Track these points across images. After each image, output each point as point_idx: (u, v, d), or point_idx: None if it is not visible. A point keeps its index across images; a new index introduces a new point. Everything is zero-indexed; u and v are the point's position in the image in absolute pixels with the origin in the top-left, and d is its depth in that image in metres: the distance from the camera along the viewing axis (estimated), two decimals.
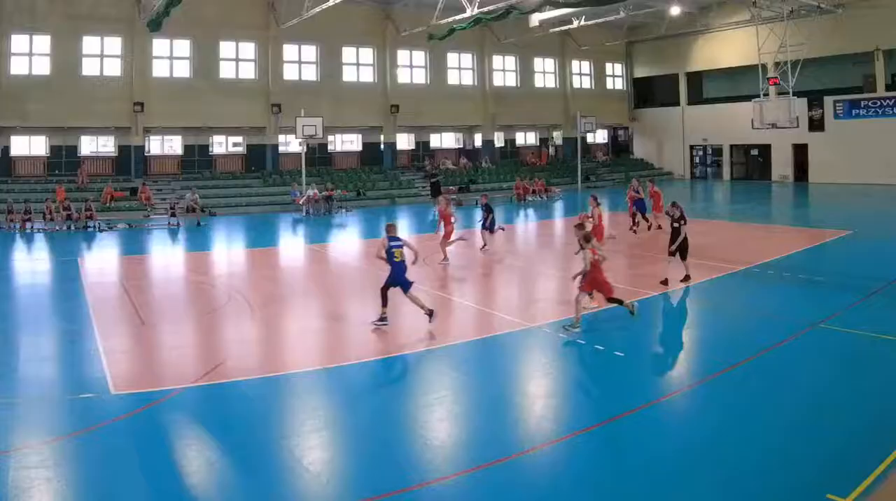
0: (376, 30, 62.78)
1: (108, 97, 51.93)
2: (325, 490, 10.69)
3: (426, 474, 10.97)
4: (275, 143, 59.82)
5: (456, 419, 13.44)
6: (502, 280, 27.61)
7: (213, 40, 56.23)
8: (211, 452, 11.97)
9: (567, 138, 74.52)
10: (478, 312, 21.93)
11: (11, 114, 49.35)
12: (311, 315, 22.11)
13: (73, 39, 51.31)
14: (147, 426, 12.94)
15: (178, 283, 27.31)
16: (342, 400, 14.55)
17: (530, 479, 10.95)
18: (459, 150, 71.21)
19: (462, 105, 67.67)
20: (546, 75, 74.59)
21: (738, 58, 66.16)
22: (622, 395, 14.24)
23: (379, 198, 57.70)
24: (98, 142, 55.88)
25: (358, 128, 64.38)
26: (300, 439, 12.42)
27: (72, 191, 48.19)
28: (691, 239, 23.52)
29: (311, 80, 60.75)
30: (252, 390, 14.77)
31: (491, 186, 62.25)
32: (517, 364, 17.11)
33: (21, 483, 10.52)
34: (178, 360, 17.25)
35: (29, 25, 49.66)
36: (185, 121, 55.72)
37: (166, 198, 49.94)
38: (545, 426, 13.06)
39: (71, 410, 13.57)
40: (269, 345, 18.81)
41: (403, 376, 16.24)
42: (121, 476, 10.95)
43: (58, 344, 18.63)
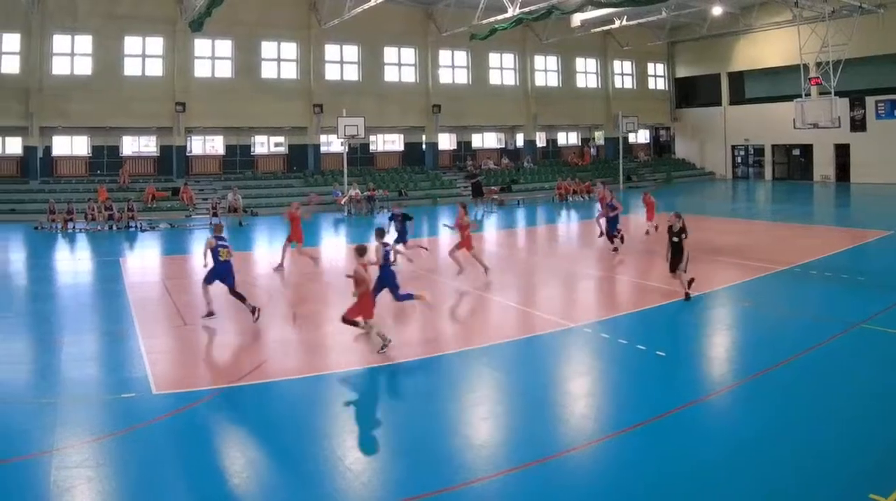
0: (418, 29, 61.46)
1: (150, 97, 50.99)
2: (367, 489, 10.45)
3: (467, 474, 10.79)
4: (316, 143, 58.48)
5: (497, 418, 13.27)
6: (543, 280, 26.69)
7: (255, 40, 55.08)
8: (252, 452, 11.88)
9: (609, 138, 73.05)
10: (519, 312, 21.34)
11: (53, 114, 48.54)
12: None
13: (114, 39, 50.29)
14: (188, 426, 12.83)
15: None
16: (383, 400, 14.65)
17: (571, 479, 10.78)
18: (501, 150, 69.70)
19: (504, 105, 65.99)
20: (588, 75, 72.52)
21: (780, 58, 64.32)
22: (663, 395, 13.99)
23: (420, 198, 56.16)
24: (140, 143, 54.93)
25: (400, 128, 63.17)
26: (341, 438, 12.30)
27: (113, 192, 47.28)
28: (731, 238, 22.78)
29: (352, 79, 59.46)
30: (293, 390, 14.73)
31: (532, 186, 61.40)
32: (558, 363, 16.84)
33: (62, 482, 10.38)
34: (219, 360, 17.29)
35: (70, 26, 48.72)
36: (226, 122, 54.86)
37: (208, 198, 48.99)
38: (586, 426, 12.78)
39: (112, 410, 13.40)
40: (309, 345, 18.45)
41: (445, 376, 15.70)
42: (162, 475, 10.82)
43: (100, 344, 18.42)
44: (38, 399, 14.01)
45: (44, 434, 12.12)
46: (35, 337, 19.22)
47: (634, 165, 71.88)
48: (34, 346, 18.30)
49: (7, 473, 10.83)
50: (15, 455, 11.35)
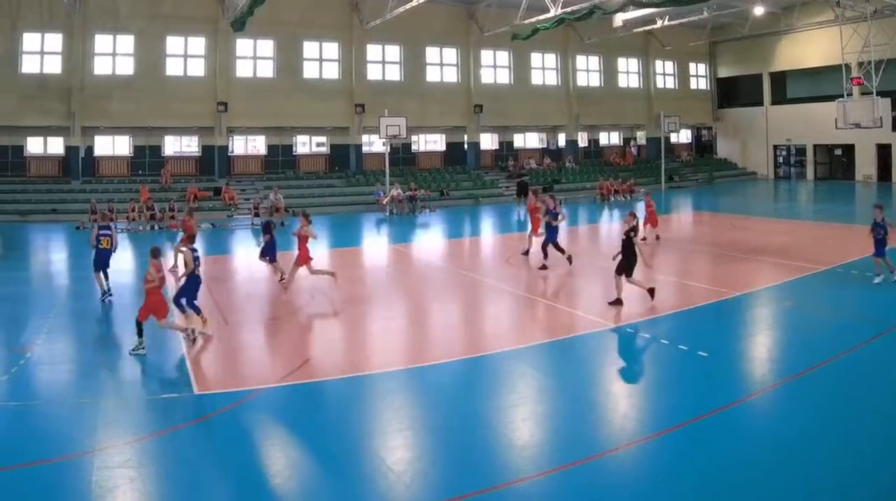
0: (460, 29, 60.00)
1: (192, 97, 50.21)
2: (408, 490, 10.30)
3: (509, 474, 10.70)
4: (358, 143, 57.23)
5: (539, 419, 13.10)
6: (585, 279, 25.82)
7: (297, 40, 54.11)
8: (294, 452, 11.83)
9: (650, 138, 70.94)
10: (560, 312, 21.08)
11: (95, 114, 47.81)
12: (394, 315, 21.17)
13: (156, 39, 49.55)
14: (230, 426, 12.73)
15: (261, 283, 25.76)
16: (425, 400, 14.25)
17: (613, 480, 10.62)
18: (543, 150, 67.79)
19: (545, 105, 64.45)
20: (630, 75, 70.74)
21: (822, 58, 62.92)
22: (705, 395, 13.76)
23: (462, 198, 54.99)
24: (182, 142, 54.09)
25: (441, 127, 61.83)
26: (384, 439, 12.13)
27: (155, 191, 46.41)
28: (773, 238, 22.13)
29: (394, 79, 58.19)
30: (335, 390, 14.58)
31: (574, 186, 59.89)
32: (600, 363, 16.54)
33: (105, 482, 10.30)
34: (261, 360, 17.06)
35: (112, 26, 48.03)
36: (268, 121, 53.69)
37: (250, 198, 48.09)
38: (628, 426, 12.56)
39: (154, 410, 13.41)
40: (352, 345, 18.36)
41: (486, 376, 15.34)
42: (204, 476, 10.76)
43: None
44: (80, 399, 13.87)
45: (86, 434, 12.09)
46: (76, 336, 18.88)
47: (676, 165, 70.28)
48: (76, 346, 18.02)
49: (50, 473, 10.72)
50: (57, 456, 11.24)
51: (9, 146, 48.09)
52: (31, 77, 46.42)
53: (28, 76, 46.41)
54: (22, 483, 10.43)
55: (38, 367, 15.90)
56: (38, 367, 15.90)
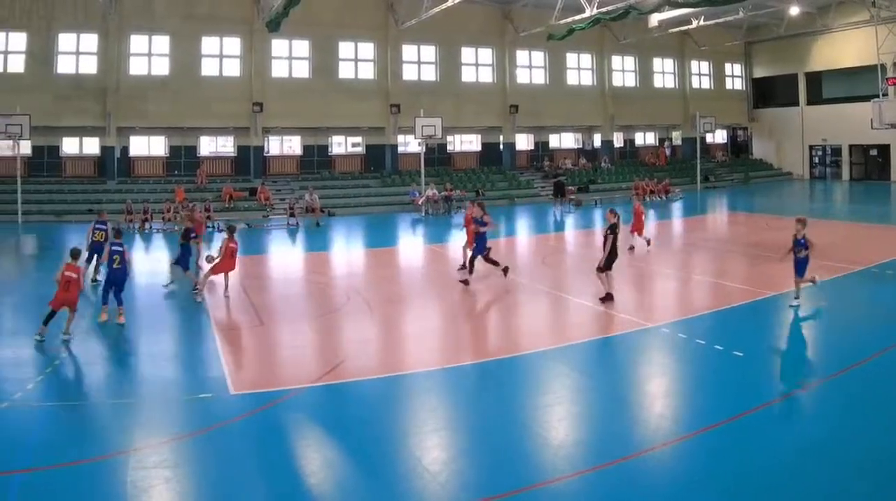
0: (495, 30, 58.36)
1: (227, 97, 49.24)
2: (444, 489, 10.17)
3: (545, 474, 10.57)
4: (394, 143, 55.86)
5: (574, 419, 12.98)
6: (621, 279, 24.68)
7: (332, 40, 52.88)
8: (329, 452, 11.70)
9: (686, 138, 68.98)
10: (596, 312, 20.27)
11: (131, 114, 47.12)
12: (430, 315, 20.89)
13: (192, 40, 48.73)
14: (266, 426, 12.54)
15: (296, 283, 25.69)
16: (461, 400, 13.98)
17: (649, 480, 10.38)
18: (579, 150, 66.09)
19: (581, 105, 62.63)
20: (665, 75, 68.46)
21: (857, 58, 61.37)
22: (740, 395, 13.42)
23: (498, 199, 52.98)
24: (217, 143, 53.06)
25: (477, 128, 60.13)
26: (419, 439, 11.98)
27: (191, 192, 45.74)
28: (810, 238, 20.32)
29: (430, 80, 56.77)
30: (371, 390, 14.36)
31: (610, 186, 58.47)
32: (636, 363, 16.26)
33: (140, 482, 10.18)
34: (296, 360, 16.70)
35: (148, 26, 47.37)
36: (303, 122, 52.55)
37: (285, 199, 47.12)
38: (664, 425, 12.36)
39: (190, 410, 13.18)
40: (387, 345, 18.06)
41: (522, 376, 15.02)
42: (240, 476, 10.60)
43: (177, 344, 18.19)
44: (115, 399, 13.75)
45: (121, 434, 11.95)
46: (112, 337, 18.24)
47: (712, 165, 68.56)
48: (112, 346, 17.64)
49: (86, 473, 10.52)
50: (93, 456, 11.03)
51: (44, 146, 47.38)
52: (66, 77, 45.78)
53: (63, 76, 45.77)
54: (58, 483, 10.23)
55: (73, 367, 15.75)
56: (73, 367, 15.75)
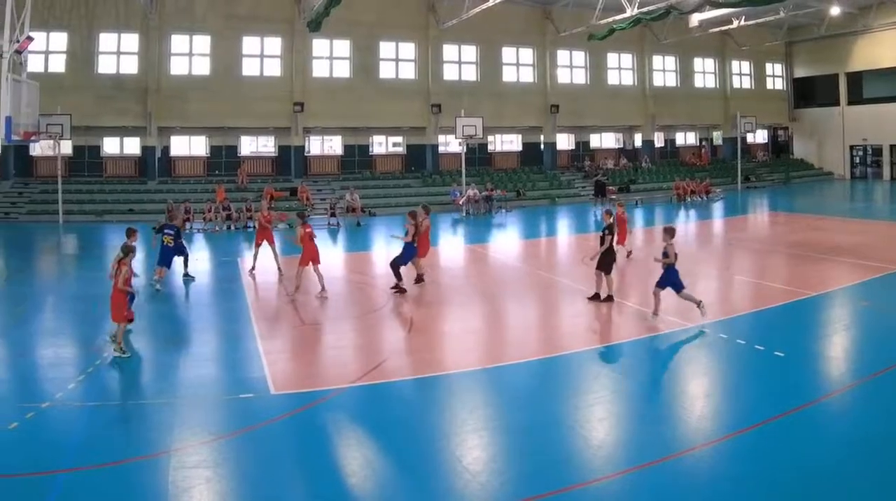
0: (536, 30, 56.35)
1: (268, 97, 47.89)
2: (484, 490, 9.82)
3: (585, 474, 10.29)
4: (434, 143, 54.15)
5: (615, 419, 12.54)
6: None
7: (373, 40, 51.28)
8: (370, 452, 11.30)
9: (727, 138, 67.12)
10: (637, 312, 19.72)
11: (171, 114, 46.01)
12: (470, 315, 20.07)
13: (232, 40, 47.46)
14: (306, 426, 12.30)
15: (337, 283, 24.11)
16: (501, 400, 13.53)
17: (689, 480, 10.08)
18: (619, 150, 64.06)
19: (622, 105, 60.42)
20: (706, 75, 66.36)
21: None
22: (782, 395, 13.04)
23: (538, 198, 51.79)
24: (258, 143, 51.72)
25: (518, 128, 57.95)
26: (459, 439, 11.61)
27: (231, 192, 44.27)
28: (849, 238, 22.03)
29: (470, 80, 54.76)
30: (411, 390, 14.12)
31: (650, 186, 56.46)
32: (676, 363, 15.96)
33: (181, 482, 9.92)
34: (337, 360, 16.27)
35: (188, 26, 46.26)
36: (344, 122, 51.07)
37: (326, 199, 45.61)
38: (705, 426, 12.03)
39: (231, 410, 12.89)
40: (428, 345, 17.41)
41: (563, 376, 14.79)
42: (280, 476, 10.26)
43: (218, 344, 17.61)
44: (156, 399, 13.40)
45: (162, 434, 11.65)
46: (153, 337, 17.85)
47: (752, 165, 66.33)
48: (153, 346, 17.12)
49: (126, 473, 10.30)
50: (134, 456, 10.79)
51: (85, 146, 46.49)
52: (107, 77, 44.79)
53: (104, 76, 44.80)
54: (99, 482, 9.97)
55: (114, 367, 15.16)
56: (114, 367, 15.16)
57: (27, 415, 12.19)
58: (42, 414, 12.33)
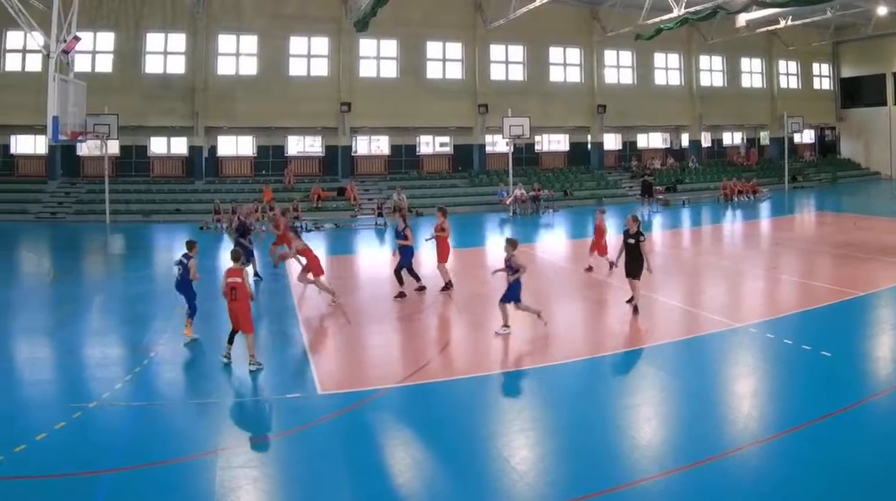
0: (583, 29, 53.55)
1: (315, 97, 46.00)
2: (531, 489, 9.45)
3: (632, 473, 9.81)
4: (482, 143, 51.65)
5: (662, 418, 12.08)
6: (708, 279, 24.58)
7: (420, 40, 49.11)
8: (417, 451, 10.85)
9: (774, 138, 63.92)
10: (683, 312, 19.45)
11: (219, 114, 44.49)
12: (517, 315, 18.30)
13: (280, 39, 45.84)
14: (353, 426, 11.83)
15: (384, 283, 23.31)
16: (549, 400, 13.04)
17: (736, 480, 9.61)
18: (666, 150, 61.15)
19: (669, 105, 57.16)
20: (753, 75, 63.51)
21: None
22: (829, 396, 12.54)
23: (585, 198, 49.00)
24: (305, 142, 49.71)
25: (565, 127, 55.34)
26: (507, 438, 11.18)
27: (279, 192, 42.74)
28: (892, 238, 21.62)
29: (517, 79, 52.17)
30: (458, 390, 13.54)
31: (697, 186, 53.76)
32: (724, 363, 15.15)
33: (228, 482, 9.61)
34: (384, 360, 15.73)
35: (236, 26, 44.65)
36: (391, 122, 48.90)
37: (373, 199, 43.83)
38: (752, 426, 11.47)
39: (278, 410, 12.61)
40: (475, 345, 16.93)
41: (610, 376, 14.50)
42: (327, 476, 9.90)
43: (266, 343, 16.53)
44: (203, 399, 13.04)
45: (209, 434, 11.44)
46: (202, 336, 16.68)
47: (799, 165, 63.27)
48: (199, 346, 16.31)
49: (172, 473, 9.89)
50: (180, 456, 10.43)
51: (132, 146, 44.93)
52: (154, 77, 43.46)
53: (151, 76, 43.45)
54: (146, 482, 9.59)
55: (161, 367, 14.76)
56: (161, 367, 14.76)
57: (74, 415, 11.80)
58: (89, 413, 11.96)
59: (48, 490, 9.42)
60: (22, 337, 17.63)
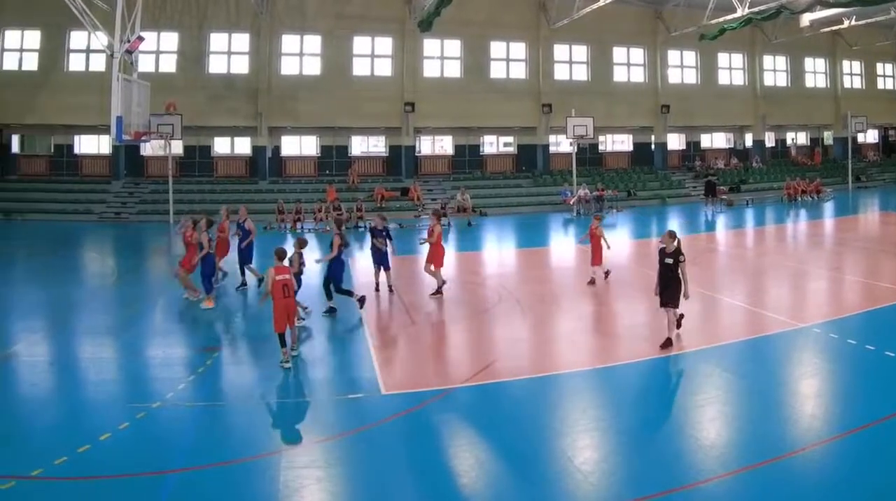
0: (647, 29, 49.78)
1: (379, 97, 43.18)
2: (595, 489, 8.92)
3: (696, 474, 9.17)
4: (545, 143, 48.09)
5: (726, 419, 11.16)
6: (772, 279, 22.80)
7: (484, 40, 45.82)
8: (481, 452, 10.16)
9: (837, 138, 59.50)
10: (747, 312, 18.15)
11: (282, 114, 42.12)
12: (580, 314, 18.36)
13: (343, 40, 43.14)
14: (417, 426, 11.08)
15: (448, 283, 21.52)
16: (612, 400, 12.16)
17: (800, 480, 9.08)
18: (730, 150, 57.44)
19: (732, 105, 53.13)
20: (816, 75, 59.08)
21: None
22: (893, 396, 11.54)
23: (649, 198, 46.13)
24: (369, 142, 46.82)
25: (628, 127, 51.78)
26: (571, 439, 10.48)
27: (342, 192, 39.94)
28: None
29: (581, 79, 48.49)
30: (522, 390, 12.61)
31: (761, 186, 49.91)
32: (787, 364, 13.97)
33: (292, 482, 9.10)
34: (448, 360, 15.07)
35: (299, 26, 42.14)
36: (455, 122, 45.94)
37: (437, 199, 40.92)
38: (815, 426, 10.62)
39: (341, 410, 11.79)
40: (538, 345, 15.80)
41: (673, 376, 13.33)
42: (391, 476, 9.41)
43: (329, 344, 15.90)
44: (266, 399, 12.35)
45: (273, 434, 10.92)
46: (262, 337, 15.68)
47: (863, 165, 58.59)
48: (261, 346, 15.16)
49: (236, 473, 9.33)
50: (245, 456, 9.78)
51: (196, 146, 42.61)
52: (218, 77, 41.13)
53: (215, 76, 41.13)
54: (209, 482, 9.05)
55: (225, 367, 14.19)
56: (225, 367, 14.19)
57: (138, 415, 11.28)
58: (153, 414, 11.43)
59: (112, 490, 8.94)
60: (86, 337, 16.55)
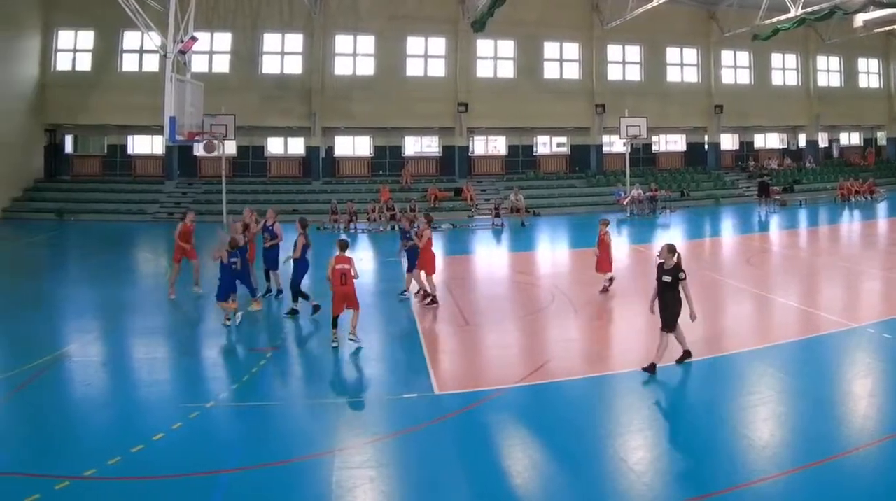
0: (700, 30, 46.88)
1: (432, 98, 41.05)
2: (649, 489, 8.33)
3: (749, 474, 8.57)
4: (598, 144, 45.41)
5: (779, 419, 10.35)
6: (826, 279, 21.91)
7: (537, 41, 43.36)
8: (534, 452, 9.61)
9: (891, 138, 55.93)
10: (801, 312, 17.06)
11: (336, 114, 40.12)
12: (633, 315, 16.69)
13: (397, 40, 41.02)
14: (470, 426, 10.50)
15: (501, 283, 22.31)
16: (666, 400, 11.44)
17: (854, 480, 8.49)
18: (783, 151, 54.10)
19: (785, 105, 49.75)
20: (870, 75, 55.44)
21: None
22: None
23: (702, 199, 43.31)
24: (422, 143, 44.43)
25: (682, 128, 48.88)
26: (624, 439, 9.78)
27: (396, 192, 37.62)
28: None
29: (634, 80, 45.77)
30: (575, 390, 11.89)
31: (814, 187, 46.88)
32: (841, 364, 13.17)
33: (345, 482, 8.66)
34: (501, 361, 13.88)
35: (353, 26, 40.15)
36: (508, 122, 43.36)
37: (490, 199, 38.52)
38: (869, 426, 9.88)
39: (395, 410, 11.09)
40: (592, 346, 14.79)
41: (727, 376, 12.37)
42: (444, 476, 8.90)
43: (383, 344, 14.78)
44: (319, 399, 11.75)
45: (326, 434, 10.25)
46: (315, 337, 15.45)
47: None
48: (314, 346, 14.93)
49: (290, 473, 8.91)
50: (298, 455, 9.35)
51: (249, 146, 40.56)
52: (271, 77, 39.27)
53: (268, 76, 39.26)
54: (264, 482, 8.61)
55: (278, 367, 13.43)
56: (278, 367, 13.43)
57: (191, 415, 10.66)
58: (206, 413, 10.84)
59: (165, 490, 8.43)
60: (140, 337, 15.96)
